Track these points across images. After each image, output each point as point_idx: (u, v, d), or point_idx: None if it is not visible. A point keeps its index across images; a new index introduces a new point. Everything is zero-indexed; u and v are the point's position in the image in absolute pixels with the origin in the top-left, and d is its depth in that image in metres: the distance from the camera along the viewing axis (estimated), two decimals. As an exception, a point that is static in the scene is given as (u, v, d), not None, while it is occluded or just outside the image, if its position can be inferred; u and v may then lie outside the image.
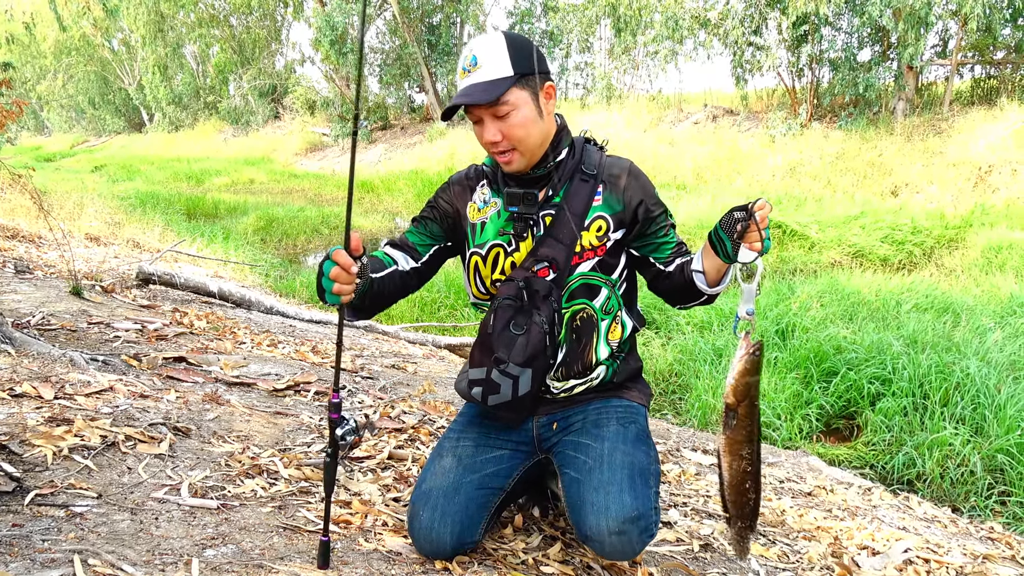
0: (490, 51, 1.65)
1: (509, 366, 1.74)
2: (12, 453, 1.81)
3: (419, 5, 23.29)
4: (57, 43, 35.37)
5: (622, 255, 1.82)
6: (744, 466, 1.51)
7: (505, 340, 1.74)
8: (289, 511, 1.85)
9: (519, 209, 1.76)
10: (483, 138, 1.70)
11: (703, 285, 1.67)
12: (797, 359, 4.77)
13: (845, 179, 13.04)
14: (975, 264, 8.50)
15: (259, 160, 24.63)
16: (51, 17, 30.18)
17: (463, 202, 1.87)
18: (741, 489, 1.52)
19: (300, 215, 12.71)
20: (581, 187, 1.77)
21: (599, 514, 1.63)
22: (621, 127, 17.53)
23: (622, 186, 1.78)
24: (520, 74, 1.65)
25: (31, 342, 2.77)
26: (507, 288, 1.77)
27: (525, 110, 1.67)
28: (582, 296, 1.79)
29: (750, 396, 1.49)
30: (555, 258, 1.75)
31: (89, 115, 42.53)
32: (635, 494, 1.64)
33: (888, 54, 14.88)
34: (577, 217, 1.75)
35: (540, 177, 1.78)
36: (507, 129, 1.67)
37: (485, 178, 1.88)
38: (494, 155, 1.74)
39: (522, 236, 1.79)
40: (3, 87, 7.76)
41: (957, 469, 3.68)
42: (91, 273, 4.99)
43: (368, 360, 3.91)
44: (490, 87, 1.63)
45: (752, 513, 1.55)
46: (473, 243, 1.85)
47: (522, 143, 1.69)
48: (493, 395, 1.76)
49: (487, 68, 1.64)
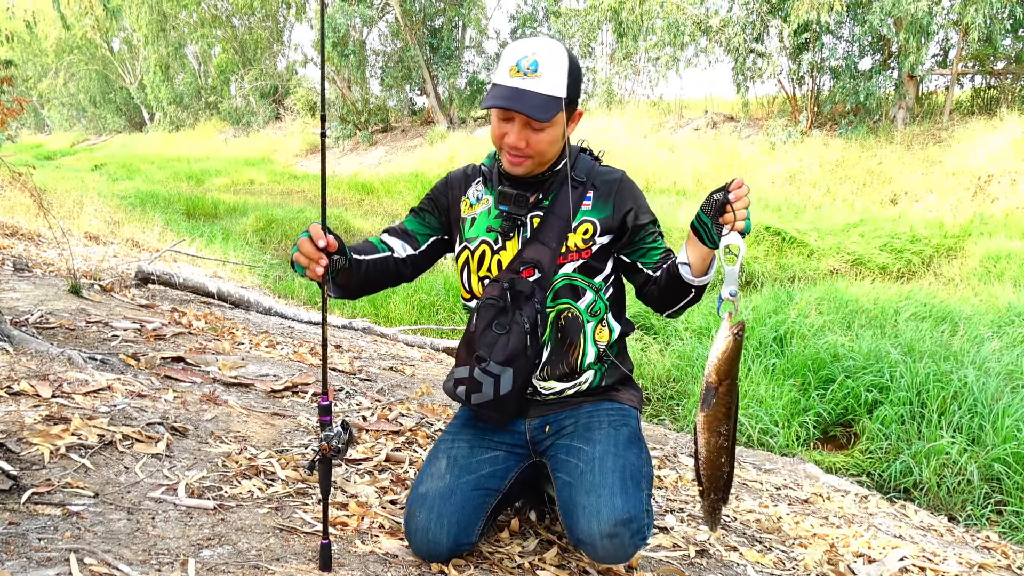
0: (553, 65, 1.65)
1: (490, 364, 1.77)
2: (9, 451, 1.81)
3: (421, 8, 23.35)
4: (59, 41, 35.38)
5: (608, 261, 1.83)
6: (721, 442, 1.55)
7: (487, 339, 1.77)
8: (286, 512, 1.85)
9: (509, 208, 1.79)
10: (506, 138, 1.70)
11: (689, 276, 1.65)
12: (795, 366, 4.77)
13: (845, 187, 13.07)
14: (973, 273, 8.51)
15: (259, 161, 24.64)
16: (53, 16, 30.21)
17: (458, 197, 1.90)
18: (717, 463, 1.57)
19: (300, 216, 12.70)
20: (571, 193, 1.79)
21: (590, 517, 1.63)
22: (622, 132, 17.57)
23: (613, 194, 1.80)
24: (569, 99, 1.68)
25: (29, 340, 2.77)
26: (492, 289, 1.80)
27: (556, 131, 1.71)
28: (566, 296, 1.80)
29: (731, 375, 1.53)
30: (540, 260, 1.78)
31: (90, 114, 42.57)
32: (626, 496, 1.64)
33: (889, 63, 14.92)
34: (564, 221, 1.78)
35: (534, 181, 1.80)
36: (535, 141, 1.69)
37: (480, 175, 1.90)
38: (507, 155, 1.74)
39: (509, 235, 1.81)
40: (4, 84, 7.77)
41: (954, 478, 3.68)
42: (90, 272, 4.99)
43: (366, 362, 3.91)
44: (545, 105, 1.63)
45: (725, 486, 1.60)
46: (463, 237, 1.88)
47: (540, 156, 1.73)
48: (476, 393, 1.79)
49: (546, 81, 1.64)
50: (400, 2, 22.25)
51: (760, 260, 9.21)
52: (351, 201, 17.06)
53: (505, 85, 1.66)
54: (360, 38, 24.34)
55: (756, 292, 7.25)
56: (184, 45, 33.73)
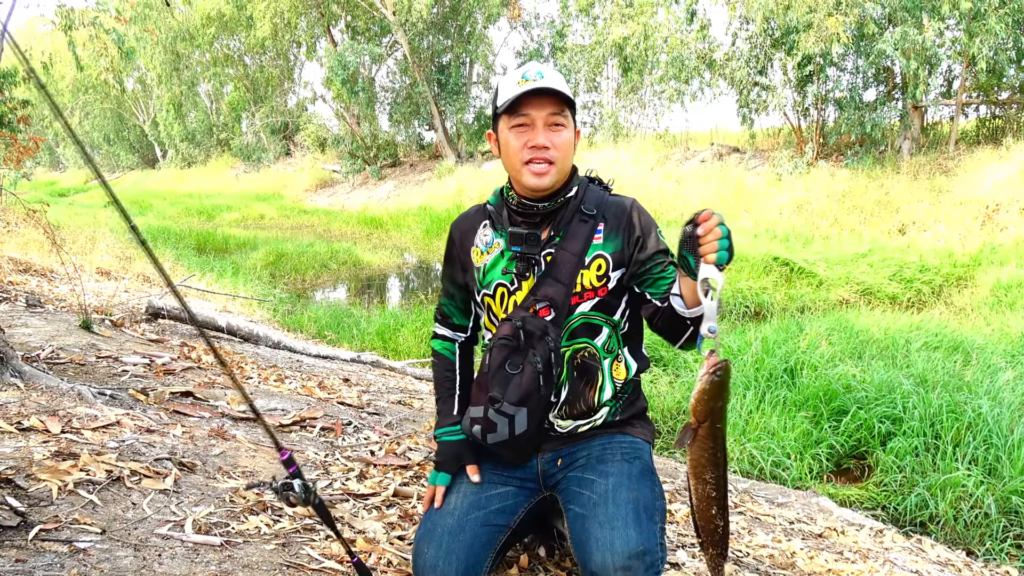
0: (555, 74, 1.75)
1: (504, 405, 1.75)
2: (17, 487, 1.81)
3: (429, 45, 23.76)
4: (74, 81, 36.09)
5: (624, 295, 1.82)
6: (708, 491, 1.48)
7: (500, 379, 1.76)
8: (293, 549, 1.84)
9: (522, 249, 1.79)
10: (531, 141, 1.72)
11: (681, 308, 1.61)
12: (806, 397, 4.73)
13: (852, 217, 13.07)
14: (985, 303, 8.45)
15: (270, 196, 24.91)
16: (68, 57, 30.80)
17: (468, 248, 1.90)
18: (707, 515, 1.50)
19: (309, 250, 12.80)
20: (581, 227, 1.79)
21: (604, 550, 1.61)
22: (628, 165, 17.68)
23: (623, 224, 1.79)
24: (573, 106, 1.77)
25: (40, 376, 2.78)
26: (505, 328, 1.79)
27: (571, 134, 1.77)
28: (583, 335, 1.79)
29: (712, 418, 1.44)
30: (553, 298, 1.76)
31: (104, 151, 43.21)
32: (640, 529, 1.62)
33: (893, 94, 15.02)
34: (576, 256, 1.77)
35: (546, 215, 1.80)
36: (557, 141, 1.73)
37: (488, 218, 1.89)
38: (530, 165, 1.73)
39: (524, 275, 1.80)
40: (21, 124, 7.92)
41: (971, 511, 3.61)
42: (101, 307, 5.02)
43: (374, 396, 3.90)
44: (563, 95, 1.72)
45: (721, 541, 1.53)
46: (481, 286, 1.87)
47: (561, 161, 1.75)
48: (491, 433, 1.77)
49: (553, 82, 1.72)
50: (408, 40, 22.64)
51: (769, 291, 9.18)
52: (360, 235, 17.19)
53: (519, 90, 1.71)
54: (369, 75, 24.74)
55: (765, 323, 7.22)
56: (197, 84, 34.34)
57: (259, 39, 27.55)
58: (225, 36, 30.86)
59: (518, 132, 1.73)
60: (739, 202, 14.60)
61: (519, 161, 1.74)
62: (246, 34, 29.24)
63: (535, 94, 1.70)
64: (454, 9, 23.19)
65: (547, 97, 1.70)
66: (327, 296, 10.76)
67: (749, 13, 15.02)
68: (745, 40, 15.71)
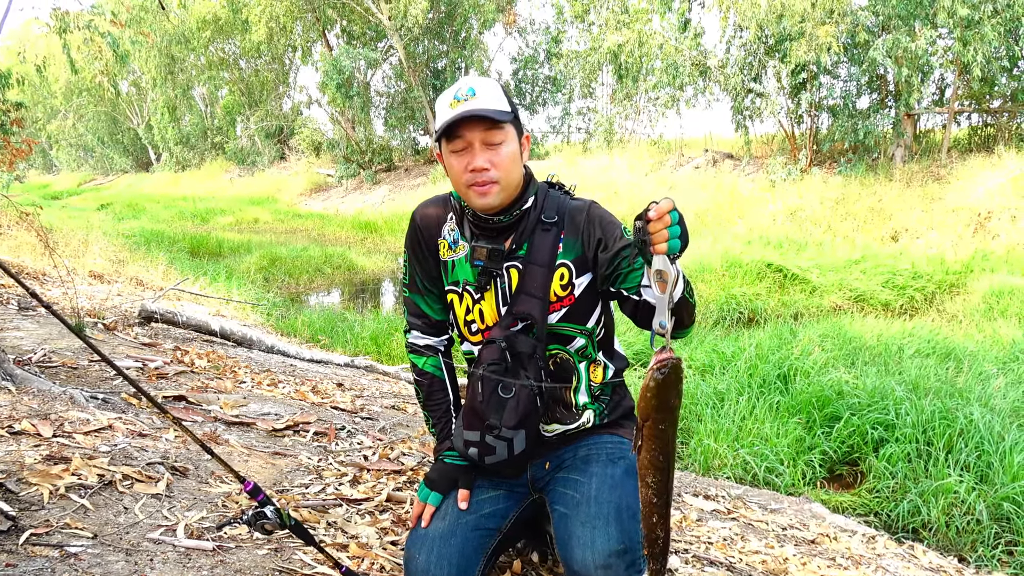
0: (487, 88, 1.68)
1: (502, 431, 1.74)
2: (8, 491, 1.80)
3: (425, 50, 23.80)
4: (68, 84, 36.00)
5: (598, 303, 1.80)
6: (650, 496, 1.37)
7: (494, 406, 1.73)
8: (285, 554, 1.83)
9: (484, 264, 1.76)
10: (471, 164, 1.68)
11: (650, 297, 1.56)
12: (799, 403, 4.74)
13: (845, 224, 13.12)
14: (977, 310, 8.49)
15: (264, 200, 24.86)
16: (62, 59, 30.80)
17: (434, 238, 1.88)
18: (648, 523, 1.39)
19: (303, 255, 12.78)
20: (544, 237, 1.76)
21: (585, 548, 1.61)
22: (623, 171, 17.73)
23: (580, 228, 1.76)
24: (513, 115, 1.71)
25: (32, 379, 2.77)
26: (489, 352, 1.75)
27: (513, 146, 1.70)
28: (554, 343, 1.79)
29: (655, 418, 1.34)
30: (531, 313, 1.74)
31: (97, 154, 43.08)
32: (622, 528, 1.63)
33: (886, 101, 15.11)
34: (546, 267, 1.75)
35: (505, 227, 1.77)
36: (497, 159, 1.68)
37: (453, 211, 1.86)
38: (473, 187, 1.70)
39: (485, 288, 1.79)
40: (15, 126, 7.90)
41: (963, 517, 3.62)
42: (94, 310, 5.00)
43: (368, 400, 3.89)
44: (496, 112, 1.65)
45: (661, 554, 1.41)
46: (447, 280, 1.86)
47: (505, 178, 1.69)
48: (489, 456, 1.76)
49: (485, 99, 1.66)
50: (404, 45, 22.68)
51: (762, 297, 9.21)
52: (354, 239, 17.17)
53: (451, 113, 1.66)
54: (365, 80, 24.76)
55: (759, 329, 7.24)
56: (191, 87, 34.30)
57: (254, 43, 27.55)
58: (220, 40, 30.85)
59: (458, 156, 1.70)
60: (733, 208, 14.64)
61: (463, 184, 1.71)
62: (241, 38, 29.23)
63: (467, 119, 1.64)
64: (449, 14, 23.23)
65: (480, 120, 1.65)
66: (321, 300, 10.74)
67: (743, 21, 15.10)
68: (739, 47, 15.79)
